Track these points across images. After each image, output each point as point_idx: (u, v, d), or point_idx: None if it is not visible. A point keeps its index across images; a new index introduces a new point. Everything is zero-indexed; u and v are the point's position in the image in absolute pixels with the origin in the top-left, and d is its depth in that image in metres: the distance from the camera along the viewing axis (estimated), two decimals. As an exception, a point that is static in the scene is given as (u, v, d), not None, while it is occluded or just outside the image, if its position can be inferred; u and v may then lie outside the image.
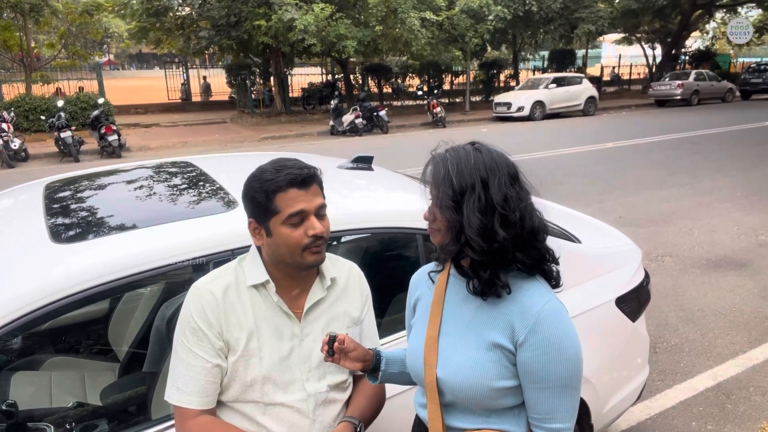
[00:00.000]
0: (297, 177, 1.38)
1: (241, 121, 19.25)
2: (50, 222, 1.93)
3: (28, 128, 15.46)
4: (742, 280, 5.11)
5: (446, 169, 1.26)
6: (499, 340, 1.27)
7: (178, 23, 18.75)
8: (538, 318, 1.24)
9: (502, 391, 1.28)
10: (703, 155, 11.34)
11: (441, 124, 17.84)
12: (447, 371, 1.31)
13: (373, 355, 1.49)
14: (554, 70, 27.31)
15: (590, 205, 7.45)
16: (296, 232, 1.38)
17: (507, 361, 1.28)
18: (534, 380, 1.26)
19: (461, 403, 1.32)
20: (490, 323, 1.29)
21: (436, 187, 1.27)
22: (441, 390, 1.33)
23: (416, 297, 1.50)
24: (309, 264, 1.43)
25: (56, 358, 2.32)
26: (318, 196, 1.43)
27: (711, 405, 3.30)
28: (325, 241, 1.43)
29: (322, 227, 1.40)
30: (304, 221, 1.39)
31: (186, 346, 1.41)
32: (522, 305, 1.27)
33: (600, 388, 2.39)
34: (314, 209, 1.40)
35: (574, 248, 2.52)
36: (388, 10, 16.52)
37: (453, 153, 1.28)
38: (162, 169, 2.63)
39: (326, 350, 1.39)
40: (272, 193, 1.37)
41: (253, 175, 1.42)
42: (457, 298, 1.37)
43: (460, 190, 1.24)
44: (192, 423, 1.40)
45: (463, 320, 1.34)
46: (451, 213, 1.25)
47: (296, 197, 1.38)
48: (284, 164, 1.41)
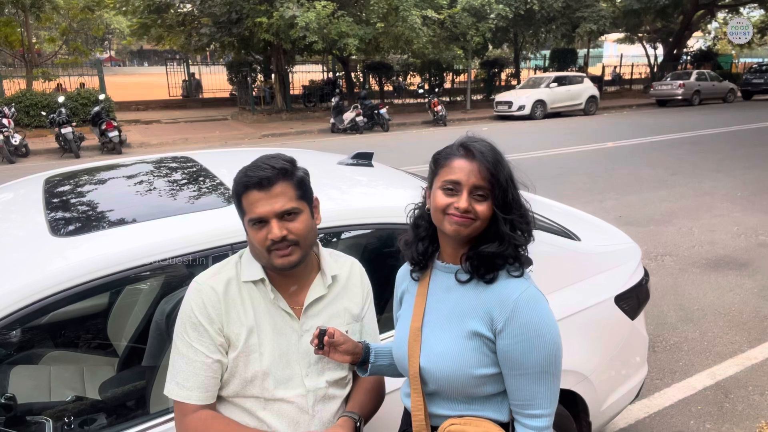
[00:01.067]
0: (253, 179, 1.35)
1: (242, 118, 19.24)
2: (49, 216, 1.93)
3: (29, 124, 15.44)
4: (742, 279, 5.11)
5: (505, 163, 1.30)
6: (478, 329, 1.30)
7: (179, 20, 18.74)
8: (515, 306, 1.27)
9: (482, 379, 1.31)
10: (703, 155, 11.33)
11: (442, 122, 17.83)
12: (429, 360, 1.34)
13: (362, 348, 1.50)
14: (555, 69, 27.29)
15: (590, 204, 7.45)
16: (259, 234, 1.38)
17: (487, 349, 1.30)
18: (513, 367, 1.28)
19: (444, 391, 1.35)
20: (470, 312, 1.32)
21: (493, 180, 1.27)
22: (424, 379, 1.36)
23: (402, 289, 1.53)
24: (278, 266, 1.40)
25: (55, 352, 2.32)
26: (282, 197, 1.36)
27: (709, 404, 3.30)
28: (294, 242, 1.38)
29: (278, 232, 1.35)
30: (266, 224, 1.37)
31: (186, 341, 1.41)
32: (500, 294, 1.30)
33: (598, 385, 2.39)
34: (274, 212, 1.36)
35: (574, 246, 2.52)
36: (389, 7, 16.51)
37: (491, 146, 1.32)
38: (162, 163, 2.63)
39: (316, 343, 1.40)
40: (238, 195, 1.40)
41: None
42: (440, 289, 1.40)
43: (507, 183, 1.29)
44: (191, 418, 1.40)
45: (445, 311, 1.36)
46: (499, 204, 1.28)
47: (257, 200, 1.36)
48: (255, 164, 1.39)
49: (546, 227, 2.50)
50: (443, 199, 1.28)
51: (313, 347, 1.42)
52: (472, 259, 1.32)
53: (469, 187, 1.26)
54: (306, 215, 1.41)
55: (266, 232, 1.36)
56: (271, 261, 1.40)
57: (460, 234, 1.28)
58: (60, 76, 18.68)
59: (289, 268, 1.41)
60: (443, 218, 1.29)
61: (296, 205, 1.38)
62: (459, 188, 1.27)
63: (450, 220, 1.27)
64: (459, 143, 1.32)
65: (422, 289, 1.42)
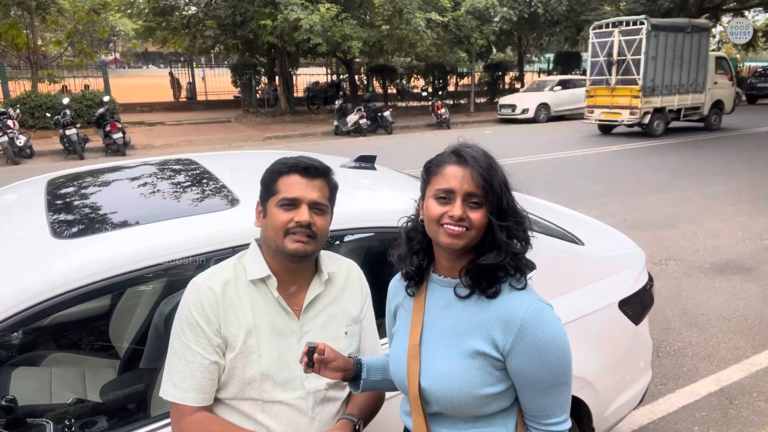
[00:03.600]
0: (302, 164, 1.43)
1: (246, 120, 19.28)
2: (51, 217, 1.92)
3: (34, 125, 15.50)
4: (747, 284, 5.08)
5: (498, 169, 1.25)
6: (482, 348, 1.25)
7: (184, 22, 18.78)
8: (522, 325, 1.22)
9: (488, 398, 1.26)
10: (708, 159, 11.30)
11: (445, 125, 17.83)
12: (430, 381, 1.29)
13: (353, 364, 1.44)
14: (559, 72, 27.23)
15: (594, 207, 7.42)
16: (284, 215, 1.41)
17: (492, 368, 1.25)
18: (525, 384, 1.26)
19: (447, 411, 1.30)
20: (472, 331, 1.27)
21: (486, 187, 1.21)
22: (426, 399, 1.30)
23: (396, 304, 1.46)
24: (289, 251, 1.40)
25: (57, 354, 2.31)
26: (319, 191, 1.44)
27: (714, 410, 3.27)
28: (313, 235, 1.41)
29: (308, 217, 1.40)
30: (295, 208, 1.41)
31: (183, 342, 1.40)
32: (504, 311, 1.24)
33: (602, 391, 2.37)
34: (309, 200, 1.42)
35: (578, 250, 2.50)
36: (393, 10, 16.53)
37: (484, 152, 1.27)
38: (165, 166, 2.63)
39: (305, 362, 1.32)
40: (277, 174, 1.44)
41: (274, 161, 1.48)
42: (437, 304, 1.34)
43: (501, 189, 1.24)
44: (188, 420, 1.39)
45: (445, 328, 1.31)
46: (494, 212, 1.23)
47: (296, 183, 1.42)
48: (303, 156, 1.47)
49: (549, 231, 2.49)
50: (437, 208, 1.23)
51: (302, 366, 1.34)
52: (471, 272, 1.26)
53: (462, 194, 1.21)
54: (329, 217, 1.49)
55: (293, 215, 1.40)
56: (284, 245, 1.40)
57: (455, 246, 1.22)
58: (65, 78, 18.77)
59: (302, 256, 1.42)
60: (438, 229, 1.23)
61: (327, 203, 1.46)
62: (452, 196, 1.22)
63: (445, 231, 1.22)
64: (451, 150, 1.27)
65: (418, 305, 1.35)
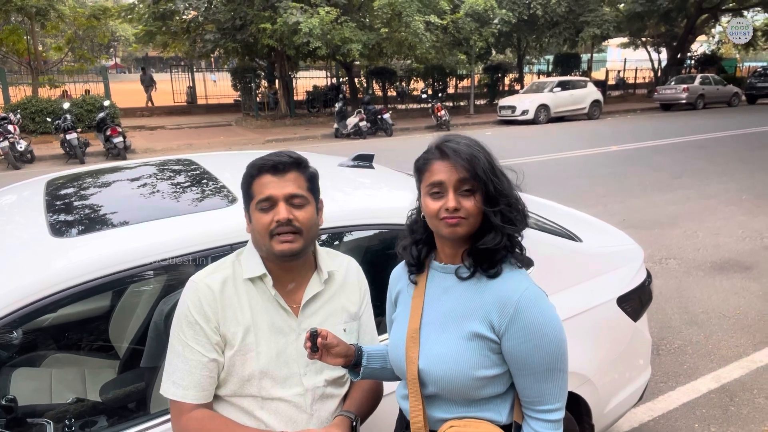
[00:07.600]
0: (269, 163, 1.41)
1: (246, 123, 19.30)
2: (51, 217, 1.93)
3: (34, 130, 15.51)
4: (747, 282, 5.08)
5: (480, 156, 1.29)
6: (480, 330, 1.30)
7: (184, 27, 18.83)
8: (517, 307, 1.27)
9: (483, 381, 1.30)
10: (708, 159, 11.30)
11: (445, 127, 17.83)
12: (428, 362, 1.33)
13: (354, 351, 1.47)
14: (559, 73, 27.25)
15: (594, 207, 7.42)
16: (265, 217, 1.40)
17: (488, 351, 1.30)
18: (519, 367, 1.30)
19: (443, 393, 1.34)
20: (470, 313, 1.32)
21: (472, 175, 1.26)
22: (423, 381, 1.35)
23: (397, 290, 1.51)
24: (278, 252, 1.40)
25: (57, 354, 2.32)
26: (293, 183, 1.41)
27: (714, 407, 3.27)
28: (298, 230, 1.40)
29: (286, 214, 1.38)
30: (273, 207, 1.40)
31: (183, 339, 1.41)
32: (501, 294, 1.30)
33: (601, 388, 2.37)
34: (284, 196, 1.39)
35: (576, 247, 2.51)
36: (392, 13, 16.56)
37: (468, 140, 1.33)
38: (164, 166, 2.64)
39: (309, 346, 1.35)
40: (250, 178, 1.43)
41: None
42: (437, 290, 1.39)
43: (491, 174, 1.28)
44: (188, 417, 1.40)
45: (444, 312, 1.36)
46: (488, 198, 1.28)
47: (268, 183, 1.40)
48: (272, 153, 1.45)
49: (547, 229, 2.50)
50: (433, 204, 1.29)
51: (307, 350, 1.37)
52: (473, 254, 1.32)
53: (452, 185, 1.27)
54: (312, 208, 1.45)
55: (273, 215, 1.39)
56: (272, 248, 1.40)
57: (457, 235, 1.29)
58: (65, 83, 18.80)
59: (290, 256, 1.41)
60: (438, 223, 1.30)
61: (305, 194, 1.43)
62: (444, 189, 1.28)
63: (445, 223, 1.28)
64: (434, 146, 1.34)
65: (419, 290, 1.42)
